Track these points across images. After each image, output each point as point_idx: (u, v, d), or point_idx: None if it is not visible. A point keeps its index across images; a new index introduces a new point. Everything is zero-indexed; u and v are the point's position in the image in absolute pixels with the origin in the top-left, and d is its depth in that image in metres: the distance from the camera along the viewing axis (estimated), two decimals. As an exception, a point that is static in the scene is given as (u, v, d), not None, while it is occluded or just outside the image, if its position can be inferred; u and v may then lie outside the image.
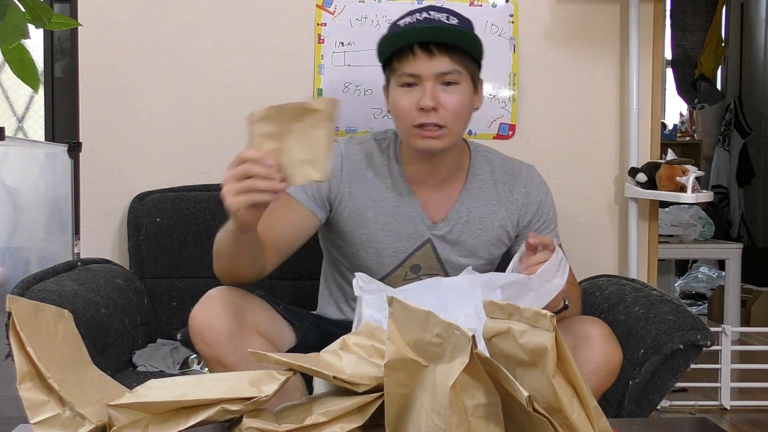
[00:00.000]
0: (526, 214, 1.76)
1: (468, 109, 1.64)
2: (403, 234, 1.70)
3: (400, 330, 0.98)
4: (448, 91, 1.60)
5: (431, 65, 1.58)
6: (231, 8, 2.27)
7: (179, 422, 1.02)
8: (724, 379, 2.93)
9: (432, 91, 1.58)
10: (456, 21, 1.61)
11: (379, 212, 1.70)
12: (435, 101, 1.58)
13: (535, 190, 1.77)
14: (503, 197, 1.75)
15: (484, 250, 1.74)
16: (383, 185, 1.71)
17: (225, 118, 2.27)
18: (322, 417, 1.03)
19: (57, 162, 2.12)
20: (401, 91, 1.61)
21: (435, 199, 1.72)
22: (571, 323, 1.56)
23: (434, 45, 1.58)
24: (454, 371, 0.89)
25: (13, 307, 1.07)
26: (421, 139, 1.61)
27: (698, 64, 6.05)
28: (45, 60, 2.40)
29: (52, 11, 1.09)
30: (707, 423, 1.39)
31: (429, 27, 1.58)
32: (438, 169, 1.70)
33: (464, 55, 1.61)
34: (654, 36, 2.34)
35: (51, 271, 1.78)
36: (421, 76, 1.58)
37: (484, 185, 1.75)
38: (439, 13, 1.61)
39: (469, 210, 1.73)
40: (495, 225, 1.74)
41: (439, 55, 1.58)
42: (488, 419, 0.92)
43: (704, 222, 4.22)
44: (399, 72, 1.60)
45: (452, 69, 1.59)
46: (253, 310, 1.53)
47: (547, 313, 0.90)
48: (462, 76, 1.61)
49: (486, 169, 1.76)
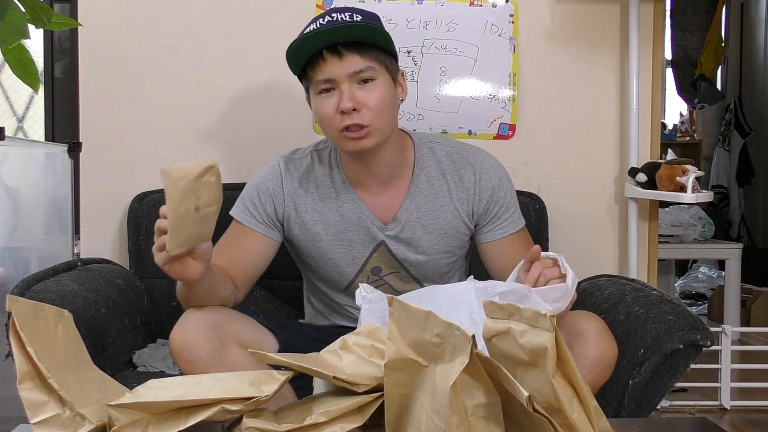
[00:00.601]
0: (481, 201, 1.71)
1: (390, 102, 1.61)
2: (356, 240, 1.69)
3: (400, 330, 0.98)
4: (365, 89, 1.56)
5: (342, 66, 1.55)
6: (231, 8, 2.27)
7: (179, 422, 1.02)
8: (724, 379, 2.93)
9: (349, 92, 1.55)
10: (360, 18, 1.58)
11: (328, 224, 1.69)
12: (354, 101, 1.55)
13: (486, 175, 1.71)
14: (453, 187, 1.70)
15: (441, 244, 1.71)
16: (327, 196, 1.69)
17: (225, 118, 2.27)
18: (322, 417, 1.03)
19: (57, 162, 2.12)
20: (320, 98, 1.58)
21: (382, 200, 1.70)
22: (566, 319, 1.56)
23: (342, 46, 1.55)
24: (454, 371, 0.89)
25: (13, 307, 1.07)
26: (348, 141, 1.58)
27: (698, 64, 6.05)
28: (45, 60, 2.40)
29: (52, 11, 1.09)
30: (707, 423, 1.39)
31: (332, 28, 1.54)
32: (378, 167, 1.67)
33: (375, 50, 1.58)
34: (654, 36, 2.34)
35: (51, 271, 1.78)
36: (336, 79, 1.56)
37: (432, 178, 1.71)
38: (341, 14, 1.58)
39: (418, 206, 1.70)
40: (448, 217, 1.70)
41: (348, 54, 1.55)
42: (488, 419, 0.92)
43: (704, 222, 4.22)
44: (314, 80, 1.58)
45: (364, 66, 1.56)
46: (232, 323, 1.53)
47: (546, 313, 0.90)
48: (376, 71, 1.57)
49: (432, 160, 1.72)
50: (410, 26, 2.27)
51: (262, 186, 1.71)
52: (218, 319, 1.50)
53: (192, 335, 1.46)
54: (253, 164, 2.26)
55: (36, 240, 2.14)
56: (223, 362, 1.46)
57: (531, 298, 1.41)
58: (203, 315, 1.49)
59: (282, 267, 2.13)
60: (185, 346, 1.45)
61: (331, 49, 1.55)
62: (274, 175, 1.71)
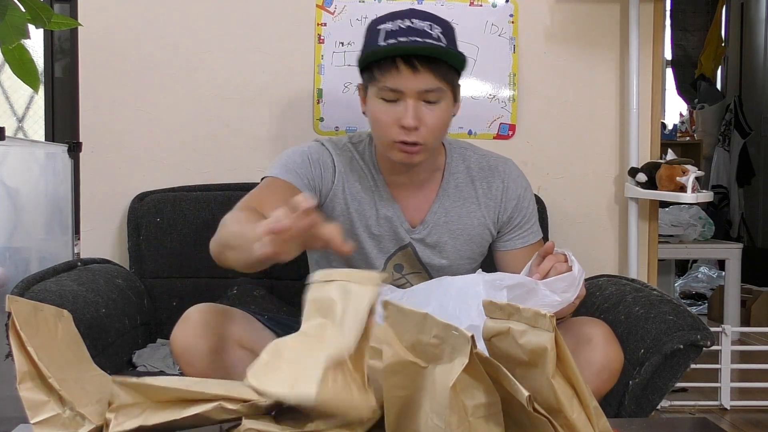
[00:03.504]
0: (506, 209, 1.73)
1: (448, 122, 1.61)
2: (385, 236, 1.70)
3: (396, 333, 0.98)
4: (429, 108, 1.55)
5: (415, 82, 1.52)
6: (231, 8, 2.27)
7: (176, 412, 1.02)
8: (724, 379, 2.92)
9: (414, 110, 1.53)
10: (440, 30, 1.55)
11: (363, 214, 1.69)
12: (417, 121, 1.54)
13: (513, 184, 1.73)
14: (481, 194, 1.72)
15: (465, 250, 1.73)
16: (367, 188, 1.69)
17: (225, 118, 2.27)
18: (323, 425, 1.02)
19: (57, 162, 2.12)
20: (381, 104, 1.56)
21: (413, 203, 1.71)
22: (573, 325, 1.56)
23: (419, 60, 1.52)
24: (454, 371, 0.89)
25: (13, 307, 1.07)
26: (399, 153, 1.58)
27: (698, 64, 6.05)
28: (45, 60, 2.40)
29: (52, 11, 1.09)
30: (707, 423, 1.39)
31: (417, 46, 1.51)
32: (415, 174, 1.68)
33: (447, 68, 1.56)
34: (654, 36, 2.34)
35: (51, 271, 1.78)
36: (404, 92, 1.53)
37: (461, 184, 1.72)
38: (423, 21, 1.54)
39: (446, 211, 1.71)
40: (474, 224, 1.72)
41: (423, 71, 1.52)
42: (488, 419, 0.92)
43: (704, 222, 4.22)
44: (380, 84, 1.55)
45: (435, 87, 1.54)
46: (233, 324, 1.51)
47: (546, 314, 0.90)
48: (444, 92, 1.56)
49: (462, 167, 1.73)
50: (410, 26, 2.27)
51: (312, 155, 1.66)
52: (219, 320, 1.49)
53: (192, 337, 1.44)
54: (253, 164, 2.26)
55: (36, 240, 2.14)
56: (224, 364, 1.44)
57: (539, 290, 1.42)
58: (204, 316, 1.48)
59: (282, 267, 2.12)
60: (186, 349, 1.44)
61: (406, 60, 1.52)
62: (322, 151, 1.67)
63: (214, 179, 2.24)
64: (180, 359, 1.46)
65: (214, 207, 2.14)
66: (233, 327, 1.51)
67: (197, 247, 2.13)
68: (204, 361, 1.44)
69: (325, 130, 2.27)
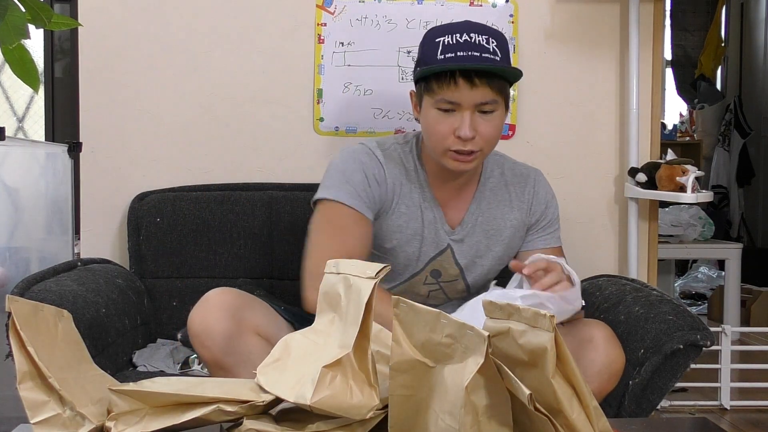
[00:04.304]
0: (535, 212, 1.79)
1: (501, 130, 1.66)
2: (428, 239, 1.72)
3: (406, 331, 0.98)
4: (485, 119, 1.60)
5: (472, 95, 1.57)
6: (231, 8, 2.27)
7: (175, 416, 1.02)
8: (724, 379, 2.92)
9: (471, 121, 1.58)
10: (495, 44, 1.59)
11: (411, 218, 1.71)
12: (473, 131, 1.58)
13: (542, 190, 1.81)
14: (514, 198, 1.78)
15: (499, 250, 1.76)
16: (414, 191, 1.71)
17: (225, 118, 2.27)
18: (323, 426, 1.02)
19: (57, 162, 2.12)
20: (438, 114, 1.60)
21: (453, 205, 1.74)
22: (574, 326, 1.57)
23: (476, 74, 1.56)
24: (468, 371, 0.89)
25: (13, 307, 1.07)
26: (453, 161, 1.62)
27: (698, 64, 6.04)
28: (45, 60, 2.40)
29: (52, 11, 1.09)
30: (707, 423, 1.39)
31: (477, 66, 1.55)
32: (460, 176, 1.72)
33: (503, 83, 1.61)
34: (654, 36, 2.34)
35: (51, 271, 1.78)
36: (461, 104, 1.58)
37: (496, 188, 1.77)
38: (480, 36, 1.58)
39: (482, 212, 1.75)
40: (507, 225, 1.76)
41: (480, 85, 1.56)
42: (498, 419, 0.92)
43: (704, 222, 4.22)
44: (438, 96, 1.58)
45: (491, 99, 1.59)
46: (252, 311, 1.53)
47: (546, 314, 0.90)
48: (498, 104, 1.61)
49: (497, 172, 1.79)
50: (410, 26, 2.27)
51: (369, 171, 1.67)
52: (238, 305, 1.50)
53: (211, 319, 1.46)
54: (253, 164, 2.26)
55: (36, 240, 2.14)
56: (239, 350, 1.45)
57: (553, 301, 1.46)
58: (224, 298, 1.49)
59: (283, 267, 2.13)
60: (203, 330, 1.45)
61: (465, 74, 1.56)
62: (375, 162, 1.69)
63: (214, 179, 2.24)
64: (195, 340, 1.47)
65: (214, 207, 2.14)
66: (251, 313, 1.52)
67: (197, 247, 2.13)
68: (219, 345, 1.45)
69: (325, 130, 2.27)
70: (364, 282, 1.03)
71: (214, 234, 2.13)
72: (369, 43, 2.27)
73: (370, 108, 2.27)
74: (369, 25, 2.27)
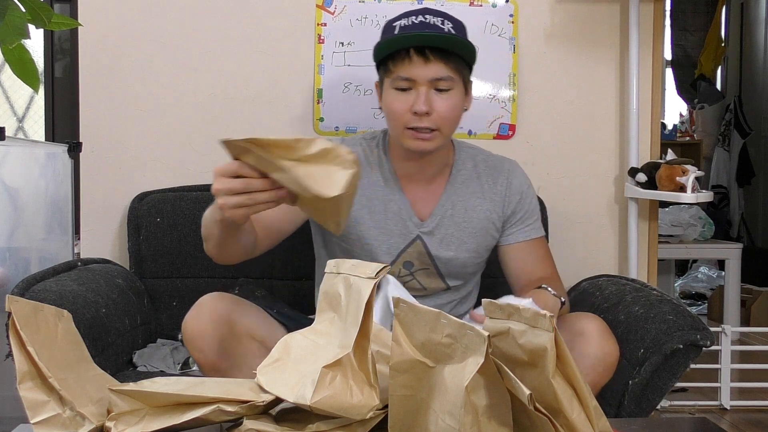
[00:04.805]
0: (510, 204, 1.79)
1: (459, 112, 1.68)
2: (395, 231, 1.73)
3: (406, 331, 0.98)
4: (441, 96, 1.63)
5: (426, 70, 1.61)
6: (231, 8, 2.27)
7: (175, 417, 1.02)
8: (724, 379, 2.93)
9: (426, 96, 1.61)
10: (451, 25, 1.64)
11: (373, 209, 1.72)
12: (428, 106, 1.61)
13: (516, 181, 1.81)
14: (486, 189, 1.78)
15: (471, 242, 1.77)
16: (376, 183, 1.74)
17: (225, 118, 2.27)
18: (323, 425, 1.02)
19: (57, 162, 2.12)
20: (395, 93, 1.64)
21: (422, 197, 1.76)
22: (567, 319, 1.58)
23: (430, 50, 1.60)
24: (468, 371, 0.89)
25: (13, 307, 1.07)
26: (413, 140, 1.65)
27: (698, 64, 6.04)
28: (45, 60, 2.40)
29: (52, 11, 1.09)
30: (707, 423, 1.39)
31: (427, 34, 1.60)
32: (428, 166, 1.74)
33: (458, 61, 1.64)
34: (654, 36, 2.34)
35: (51, 271, 1.78)
36: (416, 80, 1.61)
37: (468, 179, 1.78)
38: (435, 17, 1.63)
39: (453, 203, 1.76)
40: (480, 216, 1.77)
41: (434, 60, 1.60)
42: (498, 419, 0.92)
43: (704, 222, 4.22)
44: (394, 75, 1.63)
45: (446, 75, 1.62)
46: (246, 314, 1.55)
47: (546, 314, 0.90)
48: (454, 81, 1.64)
49: (470, 164, 1.80)
50: (410, 26, 2.27)
51: None
52: (231, 310, 1.52)
53: (204, 324, 1.47)
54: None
55: (36, 240, 2.14)
56: (234, 353, 1.47)
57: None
58: (217, 304, 1.50)
59: (282, 267, 2.13)
60: (197, 335, 1.47)
61: (419, 51, 1.61)
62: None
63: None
64: (190, 345, 1.48)
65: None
66: (244, 317, 1.54)
67: (197, 247, 2.12)
68: (214, 349, 1.46)
69: (325, 130, 2.27)
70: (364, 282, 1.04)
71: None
72: (369, 43, 2.25)
73: (370, 108, 2.27)
74: (369, 25, 2.27)
